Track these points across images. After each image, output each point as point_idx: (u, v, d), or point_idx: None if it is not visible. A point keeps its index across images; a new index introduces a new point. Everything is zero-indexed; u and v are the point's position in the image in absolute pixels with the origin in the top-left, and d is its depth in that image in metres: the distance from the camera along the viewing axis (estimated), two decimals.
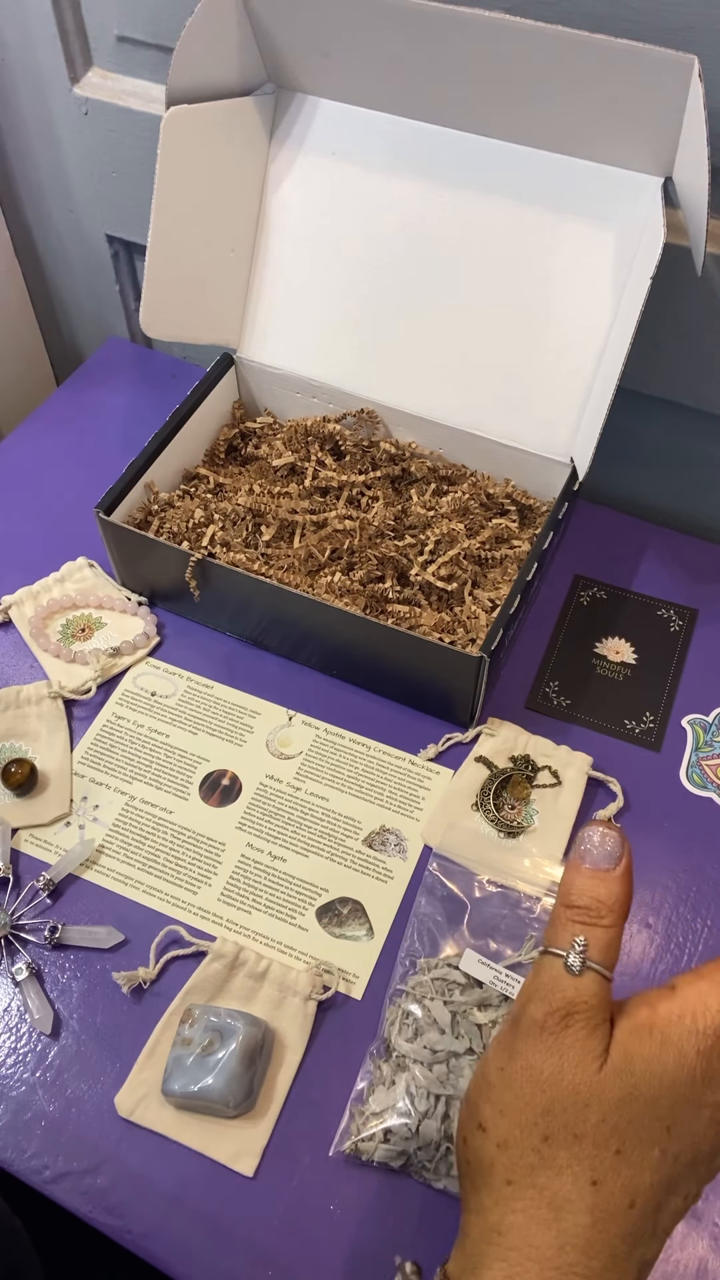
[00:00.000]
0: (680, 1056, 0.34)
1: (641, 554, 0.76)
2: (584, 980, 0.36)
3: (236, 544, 0.68)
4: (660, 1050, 0.34)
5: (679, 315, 0.66)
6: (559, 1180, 0.34)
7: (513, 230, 0.65)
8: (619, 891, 0.37)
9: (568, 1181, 0.34)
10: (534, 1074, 0.35)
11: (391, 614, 0.65)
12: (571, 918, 0.37)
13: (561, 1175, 0.34)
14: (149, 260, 0.68)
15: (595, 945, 0.36)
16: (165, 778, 0.64)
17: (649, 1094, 0.34)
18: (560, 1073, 0.35)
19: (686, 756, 0.65)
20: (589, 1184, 0.34)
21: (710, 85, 0.53)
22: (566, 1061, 0.35)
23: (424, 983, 0.54)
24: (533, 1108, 0.35)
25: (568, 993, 0.36)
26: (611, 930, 0.37)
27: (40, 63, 0.76)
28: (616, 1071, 0.34)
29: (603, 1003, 0.36)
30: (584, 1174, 0.34)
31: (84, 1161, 0.51)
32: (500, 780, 0.62)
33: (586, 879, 0.37)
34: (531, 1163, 0.35)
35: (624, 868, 0.38)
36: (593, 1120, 0.34)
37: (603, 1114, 0.34)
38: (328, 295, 0.72)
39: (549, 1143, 0.35)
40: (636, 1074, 0.34)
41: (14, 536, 0.76)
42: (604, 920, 0.37)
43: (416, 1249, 0.48)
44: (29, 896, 0.59)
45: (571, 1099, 0.34)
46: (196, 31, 0.61)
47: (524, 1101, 0.35)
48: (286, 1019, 0.54)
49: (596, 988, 0.36)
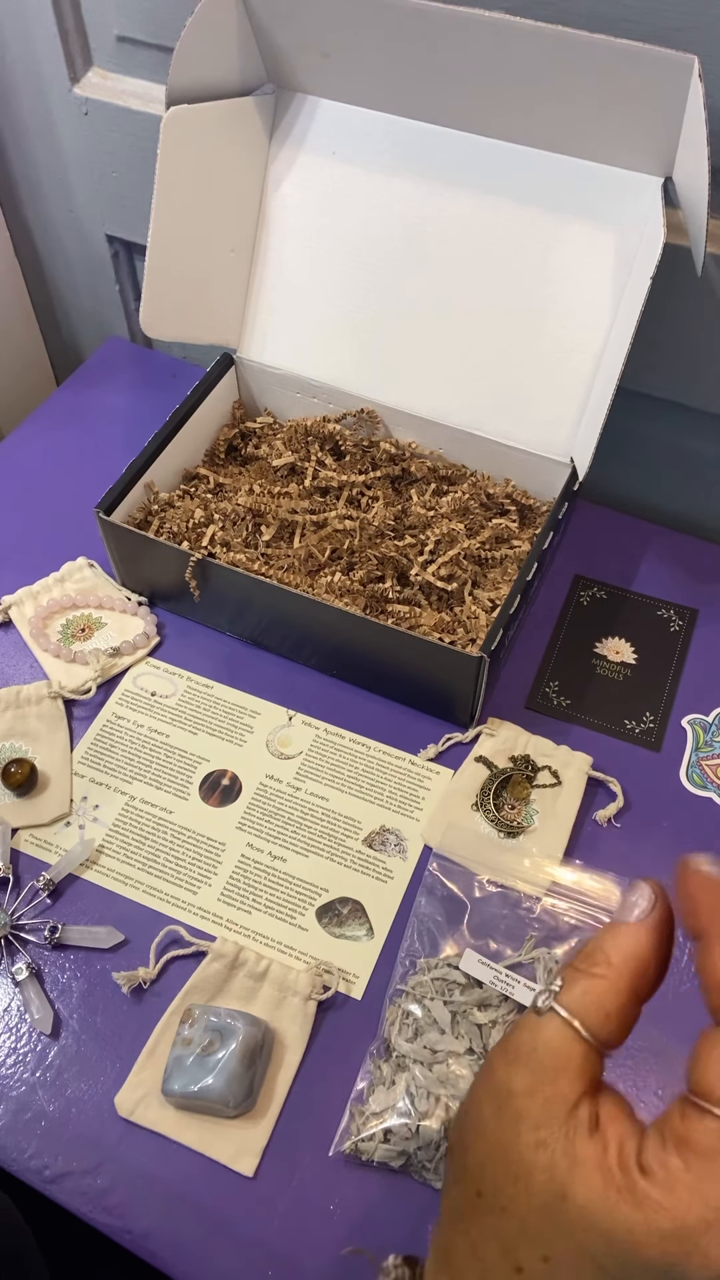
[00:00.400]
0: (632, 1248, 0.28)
1: (641, 554, 0.76)
2: (543, 1025, 0.31)
3: (236, 544, 0.68)
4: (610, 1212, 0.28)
5: (679, 315, 0.66)
6: (487, 1244, 0.30)
7: (513, 230, 0.65)
8: (628, 943, 0.31)
9: (494, 1250, 0.30)
10: (477, 1118, 0.31)
11: (391, 614, 0.65)
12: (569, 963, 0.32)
13: (489, 1240, 0.30)
14: (149, 260, 0.68)
15: (572, 991, 0.31)
16: (165, 778, 0.64)
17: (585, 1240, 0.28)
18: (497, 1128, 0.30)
19: (686, 756, 0.65)
20: (513, 1269, 0.30)
21: (710, 85, 0.53)
22: (503, 1120, 0.30)
23: (424, 983, 0.54)
24: (471, 1155, 0.31)
25: (522, 1035, 0.31)
26: (602, 982, 0.31)
27: (40, 63, 0.76)
28: (549, 1171, 0.29)
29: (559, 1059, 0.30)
30: (509, 1253, 0.30)
31: (84, 1161, 0.51)
32: (500, 780, 0.62)
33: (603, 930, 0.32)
34: (467, 1210, 0.31)
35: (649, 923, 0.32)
36: (520, 1202, 0.29)
37: (528, 1203, 0.29)
38: (328, 295, 0.72)
39: (481, 1199, 0.31)
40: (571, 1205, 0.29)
41: (14, 536, 0.76)
42: (597, 969, 0.31)
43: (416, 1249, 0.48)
44: (29, 896, 0.59)
45: (501, 1165, 0.30)
46: (196, 31, 0.61)
47: (466, 1145, 0.32)
48: (286, 1019, 0.54)
49: (557, 1040, 0.30)
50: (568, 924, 0.57)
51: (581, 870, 0.59)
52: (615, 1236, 0.28)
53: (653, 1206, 0.28)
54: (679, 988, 0.55)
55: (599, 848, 0.61)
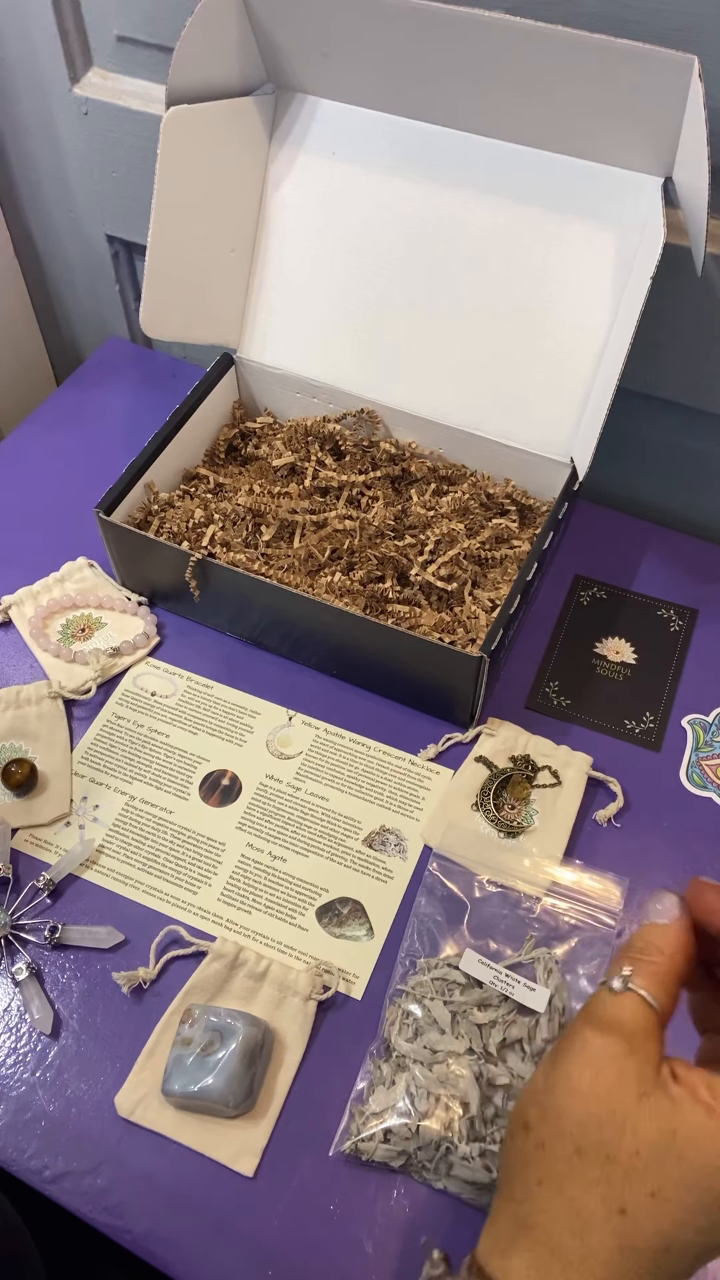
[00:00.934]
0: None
1: (641, 554, 0.76)
2: (624, 999, 0.37)
3: (236, 544, 0.68)
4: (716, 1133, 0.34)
5: (679, 315, 0.66)
6: (586, 1195, 0.34)
7: (513, 230, 0.65)
8: (673, 939, 0.38)
9: (595, 1199, 0.34)
10: (572, 1084, 0.36)
11: (391, 614, 0.65)
12: (624, 955, 0.38)
13: (590, 1191, 0.34)
14: (149, 260, 0.68)
15: (640, 973, 0.37)
16: (165, 778, 0.64)
17: (694, 1162, 0.34)
18: (596, 1087, 0.35)
19: (686, 756, 0.65)
20: (617, 1210, 0.34)
21: (710, 85, 0.53)
22: (603, 1078, 0.35)
23: (424, 983, 0.54)
24: (568, 1117, 0.36)
25: (607, 1009, 0.37)
26: (660, 965, 0.37)
27: (40, 63, 0.76)
28: (657, 1113, 0.34)
29: (644, 1027, 0.36)
30: (613, 1199, 0.34)
31: (84, 1161, 0.51)
32: (500, 780, 0.62)
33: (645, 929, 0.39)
34: (562, 1171, 0.35)
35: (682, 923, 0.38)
36: (627, 1147, 0.34)
37: (637, 1146, 0.34)
38: (328, 295, 0.72)
39: (580, 1155, 0.35)
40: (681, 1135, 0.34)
41: (14, 536, 0.76)
42: (652, 957, 0.37)
43: (416, 1249, 0.48)
44: (29, 896, 0.59)
45: (607, 1118, 0.35)
46: (196, 31, 0.61)
47: (560, 1109, 0.36)
48: (286, 1019, 0.54)
49: (637, 1009, 0.36)
50: (568, 924, 0.57)
51: (581, 870, 0.59)
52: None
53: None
54: None
55: (599, 848, 0.61)
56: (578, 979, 0.54)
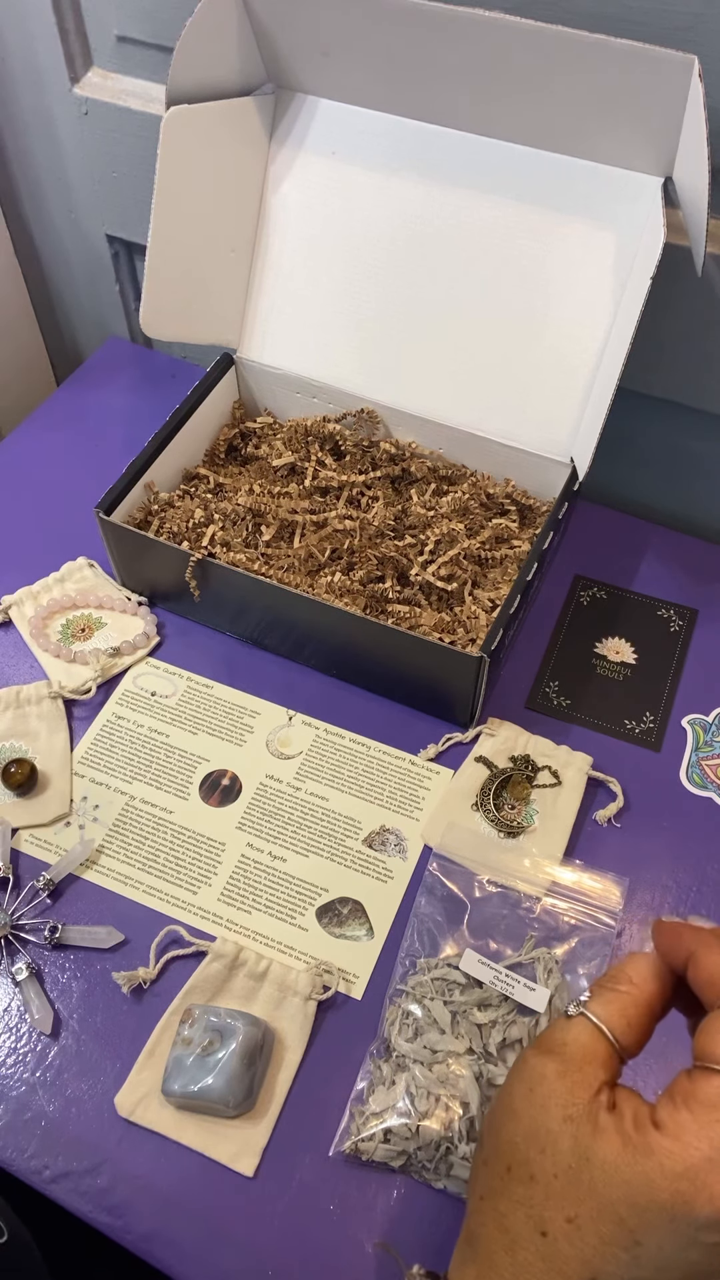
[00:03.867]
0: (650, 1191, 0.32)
1: (641, 554, 0.76)
2: (572, 1024, 0.36)
3: (236, 544, 0.68)
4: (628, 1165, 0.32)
5: (679, 315, 0.66)
6: (513, 1214, 0.34)
7: (513, 230, 0.65)
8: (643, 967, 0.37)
9: (520, 1218, 0.34)
10: (508, 1102, 0.36)
11: (391, 614, 0.65)
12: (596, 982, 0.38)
13: (516, 1210, 0.34)
14: (149, 260, 0.68)
15: (598, 1000, 0.36)
16: (165, 778, 0.64)
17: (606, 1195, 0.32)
18: (526, 1107, 0.35)
19: (686, 756, 0.65)
20: (537, 1231, 0.34)
21: (710, 85, 0.53)
22: (533, 1098, 0.35)
23: (424, 983, 0.54)
24: (501, 1135, 0.36)
25: (554, 1032, 0.36)
26: (624, 994, 0.36)
27: (40, 63, 0.76)
28: (576, 1138, 0.33)
29: (586, 1052, 0.35)
30: (534, 1219, 0.34)
31: (84, 1161, 0.51)
32: (500, 780, 0.62)
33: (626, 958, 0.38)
34: (496, 1187, 0.35)
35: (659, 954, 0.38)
36: (547, 1168, 0.34)
37: (555, 1169, 0.34)
38: (328, 295, 0.72)
39: (509, 1173, 0.35)
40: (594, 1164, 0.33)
41: (14, 536, 0.76)
42: (620, 986, 0.37)
43: (416, 1249, 0.48)
44: (29, 896, 0.59)
45: (531, 1136, 0.34)
46: (196, 31, 0.61)
47: (497, 1126, 0.36)
48: (286, 1019, 0.54)
49: (582, 1034, 0.36)
50: (568, 924, 0.57)
51: (581, 870, 0.59)
52: (633, 1185, 0.32)
53: (664, 1153, 0.32)
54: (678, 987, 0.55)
55: (599, 848, 0.61)
56: (578, 979, 0.55)
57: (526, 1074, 0.36)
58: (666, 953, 0.37)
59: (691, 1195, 0.31)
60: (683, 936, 0.37)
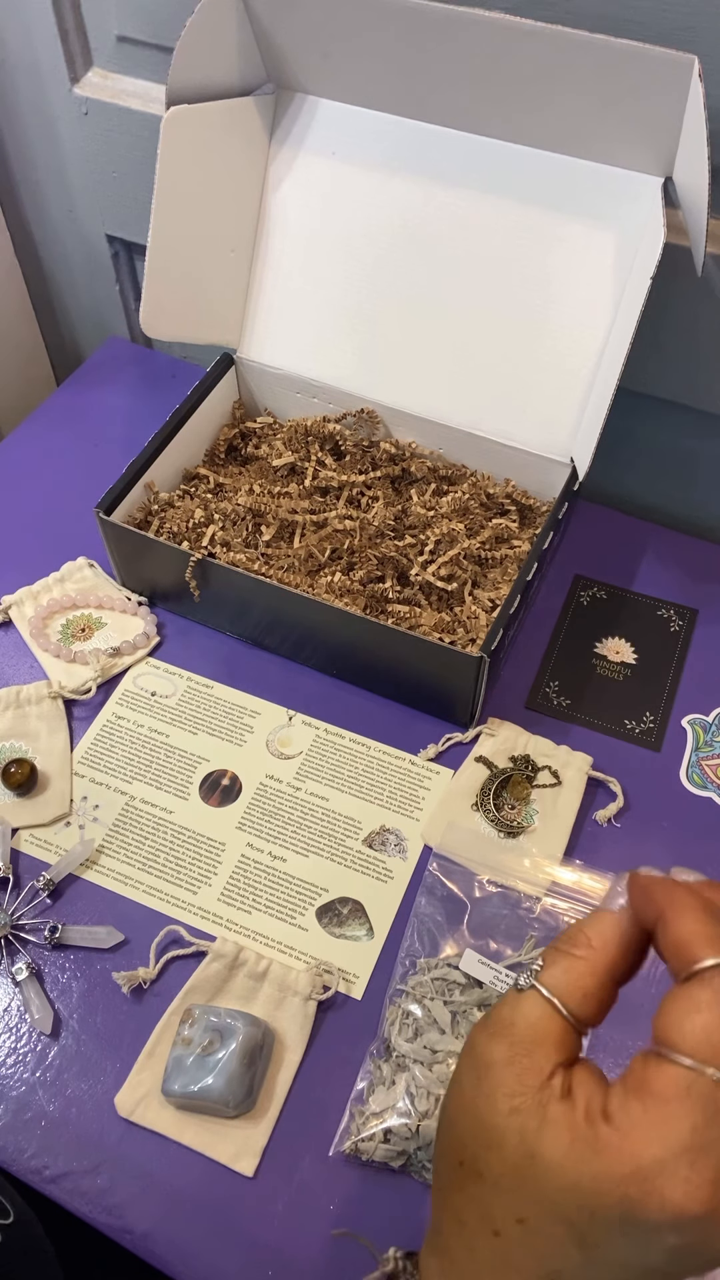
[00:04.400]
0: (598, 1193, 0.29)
1: (641, 554, 0.76)
2: (522, 1001, 0.32)
3: (236, 544, 0.68)
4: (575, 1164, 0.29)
5: (679, 315, 0.66)
6: (467, 1210, 0.32)
7: (513, 230, 0.65)
8: (607, 928, 0.33)
9: (474, 1216, 0.32)
10: (459, 1092, 0.33)
11: (391, 614, 0.65)
12: (550, 945, 0.34)
13: (469, 1207, 0.32)
14: (149, 260, 0.68)
15: (552, 970, 0.32)
16: (165, 778, 0.64)
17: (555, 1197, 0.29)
18: (473, 1099, 0.32)
19: (686, 756, 0.65)
20: (491, 1232, 0.31)
21: (710, 85, 0.53)
22: (480, 1090, 0.32)
23: (424, 983, 0.54)
24: (454, 1128, 0.33)
25: (502, 1011, 0.33)
26: (581, 963, 0.32)
27: (40, 63, 0.76)
28: (521, 1133, 0.30)
29: (535, 1033, 0.31)
30: (486, 1218, 0.31)
31: (84, 1161, 0.51)
32: (500, 780, 0.62)
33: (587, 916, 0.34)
34: (450, 1182, 0.33)
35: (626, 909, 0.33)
36: (494, 1168, 0.31)
37: (501, 1168, 0.31)
38: (328, 295, 0.72)
39: (461, 1168, 0.32)
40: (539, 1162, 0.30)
41: (14, 536, 0.76)
42: (576, 950, 0.33)
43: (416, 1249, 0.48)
44: (29, 896, 0.59)
45: (477, 1131, 0.31)
46: (196, 31, 0.61)
47: (450, 1119, 0.33)
48: (286, 1019, 0.54)
49: (535, 1014, 0.32)
50: (568, 924, 0.56)
51: (581, 870, 0.59)
52: (581, 1186, 0.29)
53: (613, 1151, 0.28)
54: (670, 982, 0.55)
55: (599, 848, 0.61)
56: None
57: (473, 1060, 0.32)
58: (639, 910, 0.33)
59: (641, 1199, 0.28)
60: (654, 893, 0.32)
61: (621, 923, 0.33)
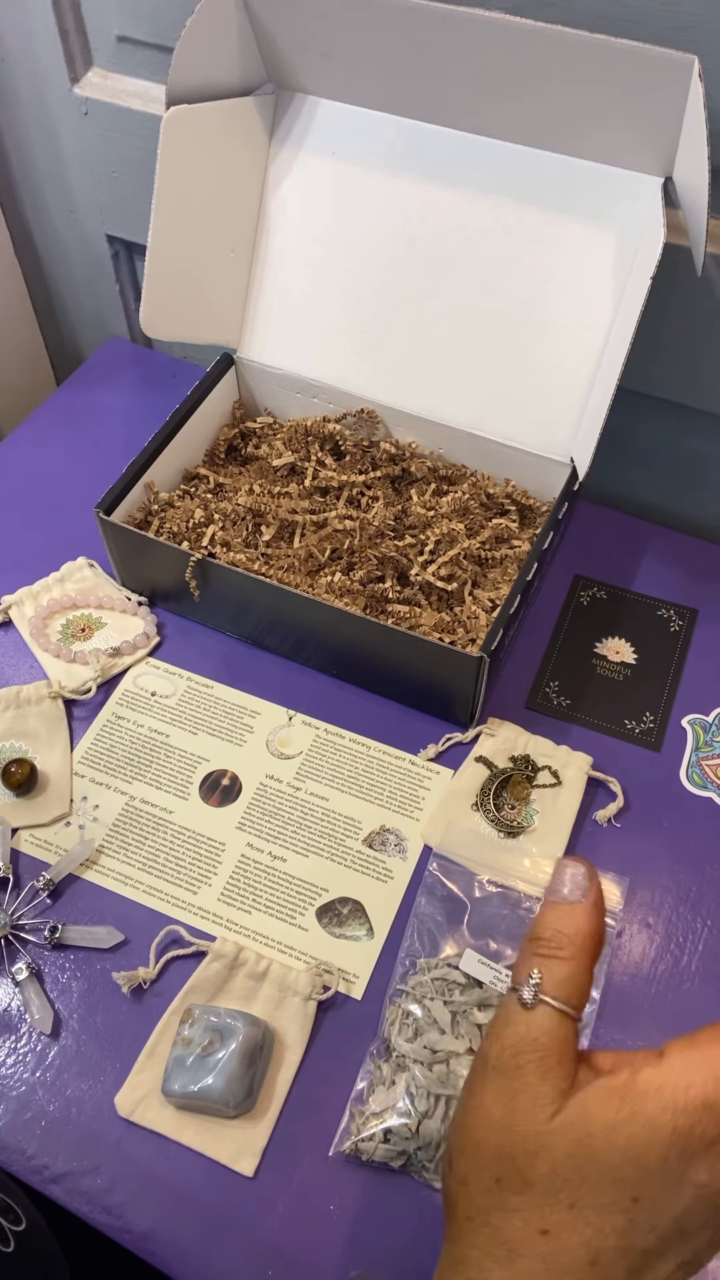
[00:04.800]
0: (651, 1131, 0.32)
1: (641, 554, 0.76)
2: (536, 1015, 0.34)
3: (236, 544, 0.68)
4: (627, 1119, 0.32)
5: (679, 315, 0.66)
6: (510, 1223, 0.33)
7: (513, 230, 0.65)
8: (582, 923, 0.36)
9: (518, 1226, 0.33)
10: (486, 1115, 0.34)
11: (391, 614, 0.65)
12: (532, 950, 0.36)
13: (511, 1219, 0.33)
14: (149, 260, 0.68)
15: (551, 978, 0.35)
16: (165, 778, 0.64)
17: (607, 1159, 0.32)
18: (511, 1117, 0.34)
19: (686, 756, 0.65)
20: (538, 1232, 0.33)
21: (710, 85, 0.53)
22: (517, 1106, 0.34)
23: (424, 983, 0.54)
24: (485, 1149, 0.34)
25: (519, 1029, 0.34)
26: (571, 963, 0.35)
27: (40, 63, 0.76)
28: (569, 1126, 0.33)
29: (558, 1041, 0.34)
30: (533, 1222, 0.33)
31: (84, 1161, 0.51)
32: (500, 780, 0.62)
33: (550, 911, 0.36)
34: (485, 1203, 0.34)
35: (592, 901, 0.36)
36: (541, 1170, 0.33)
37: (552, 1165, 0.33)
38: (328, 295, 0.72)
39: (500, 1185, 0.34)
40: (594, 1135, 0.32)
41: (14, 536, 0.76)
42: (563, 952, 0.35)
43: (417, 1249, 0.49)
44: (29, 896, 0.59)
45: (520, 1145, 0.33)
46: (196, 31, 0.61)
47: (477, 1142, 0.35)
48: (286, 1019, 0.54)
49: (550, 1024, 0.34)
50: None
51: None
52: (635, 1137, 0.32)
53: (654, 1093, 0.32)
54: (680, 987, 0.55)
55: (599, 848, 0.61)
56: None
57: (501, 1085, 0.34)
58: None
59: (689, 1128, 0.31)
60: None
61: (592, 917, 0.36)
